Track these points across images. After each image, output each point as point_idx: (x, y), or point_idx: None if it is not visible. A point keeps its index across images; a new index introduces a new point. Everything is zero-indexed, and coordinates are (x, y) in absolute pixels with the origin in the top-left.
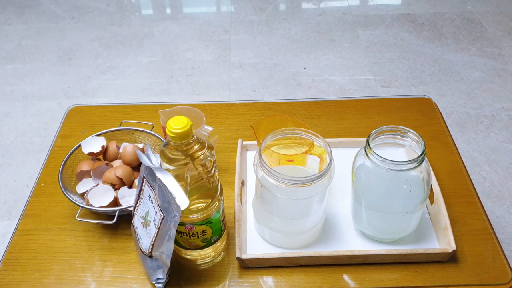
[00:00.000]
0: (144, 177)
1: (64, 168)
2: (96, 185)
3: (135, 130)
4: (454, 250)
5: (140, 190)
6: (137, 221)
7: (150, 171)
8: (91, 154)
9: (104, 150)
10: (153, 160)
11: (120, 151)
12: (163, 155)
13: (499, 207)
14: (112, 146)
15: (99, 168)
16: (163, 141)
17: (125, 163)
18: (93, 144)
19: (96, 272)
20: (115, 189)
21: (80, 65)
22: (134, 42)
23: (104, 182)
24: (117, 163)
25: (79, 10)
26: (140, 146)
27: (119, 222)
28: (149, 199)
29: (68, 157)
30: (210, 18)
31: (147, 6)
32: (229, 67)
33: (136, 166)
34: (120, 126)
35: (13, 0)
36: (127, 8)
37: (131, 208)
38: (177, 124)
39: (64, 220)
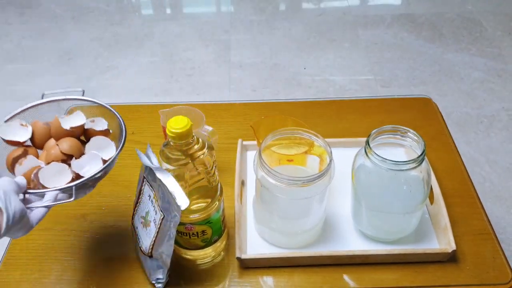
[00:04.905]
0: (144, 177)
1: None
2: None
3: (61, 100)
4: (454, 250)
5: (140, 190)
6: (137, 221)
7: (150, 171)
8: (13, 143)
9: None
10: (153, 160)
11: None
12: (163, 155)
13: (499, 207)
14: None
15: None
16: (101, 105)
17: (62, 135)
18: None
19: (96, 272)
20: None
21: (80, 65)
22: (134, 42)
23: (48, 163)
24: (51, 143)
25: (79, 10)
26: (78, 117)
27: (118, 222)
28: (149, 199)
29: None
30: (210, 18)
31: (147, 6)
32: (229, 67)
33: (78, 134)
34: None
35: (13, 0)
36: (127, 8)
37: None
38: (177, 124)
39: (64, 220)
